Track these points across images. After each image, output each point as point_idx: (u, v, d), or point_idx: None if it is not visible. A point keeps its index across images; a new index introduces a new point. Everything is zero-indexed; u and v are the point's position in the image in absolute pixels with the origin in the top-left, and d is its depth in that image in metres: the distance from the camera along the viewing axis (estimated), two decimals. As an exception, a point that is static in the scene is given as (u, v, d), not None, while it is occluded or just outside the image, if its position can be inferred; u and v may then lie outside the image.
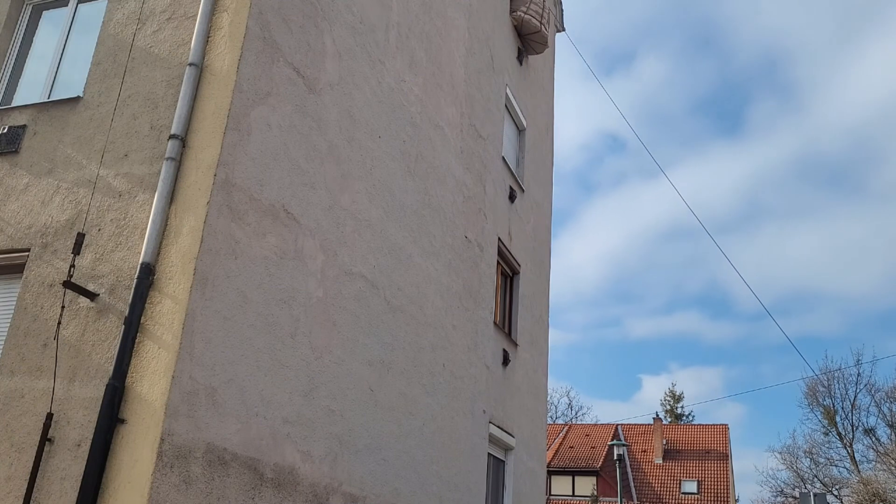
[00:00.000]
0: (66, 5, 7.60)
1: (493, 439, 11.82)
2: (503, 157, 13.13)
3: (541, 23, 14.57)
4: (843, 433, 39.87)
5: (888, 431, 38.54)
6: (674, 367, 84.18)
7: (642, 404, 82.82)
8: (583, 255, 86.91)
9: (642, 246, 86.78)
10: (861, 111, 75.85)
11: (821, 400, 40.78)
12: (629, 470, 39.88)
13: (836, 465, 40.02)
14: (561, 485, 39.24)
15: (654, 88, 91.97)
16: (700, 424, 46.10)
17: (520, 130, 14.77)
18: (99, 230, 6.03)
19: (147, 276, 5.59)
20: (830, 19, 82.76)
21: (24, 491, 5.31)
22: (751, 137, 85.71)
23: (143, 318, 5.52)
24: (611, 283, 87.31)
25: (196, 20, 6.42)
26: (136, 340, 5.46)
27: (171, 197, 5.86)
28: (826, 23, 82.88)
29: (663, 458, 40.90)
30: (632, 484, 39.21)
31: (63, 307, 5.81)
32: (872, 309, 72.31)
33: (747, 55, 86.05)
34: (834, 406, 40.32)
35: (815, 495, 14.68)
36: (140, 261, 5.65)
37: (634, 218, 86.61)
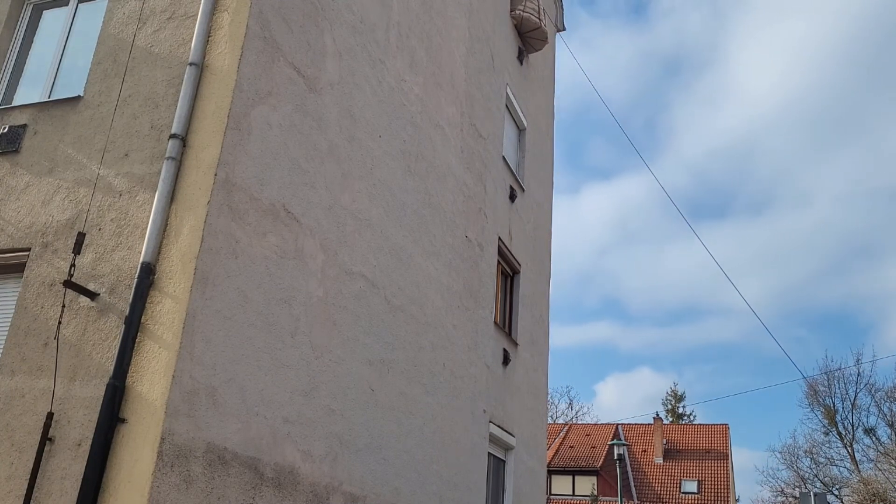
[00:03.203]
0: (67, 5, 7.59)
1: (493, 439, 11.82)
2: (503, 157, 13.13)
3: (540, 19, 14.58)
4: (844, 433, 39.89)
5: (888, 431, 38.58)
6: (616, 374, 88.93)
7: (604, 408, 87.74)
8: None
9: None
10: (701, 153, 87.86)
11: (821, 400, 40.78)
12: (629, 470, 39.87)
13: (836, 465, 40.05)
14: (561, 484, 39.22)
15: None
16: (700, 424, 46.12)
17: (520, 130, 14.76)
18: (99, 230, 6.03)
19: (147, 276, 5.59)
20: (634, 77, 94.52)
21: (25, 490, 5.31)
22: (600, 175, 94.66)
23: (143, 317, 5.52)
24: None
25: (196, 19, 6.41)
26: (137, 340, 5.46)
27: (171, 196, 5.86)
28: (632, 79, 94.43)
29: (663, 458, 40.88)
30: (632, 484, 39.20)
31: (63, 307, 5.81)
32: (761, 322, 77.81)
33: (566, 102, 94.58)
34: (834, 406, 40.33)
35: (815, 495, 14.66)
36: (140, 260, 5.65)
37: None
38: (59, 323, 5.77)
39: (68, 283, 5.72)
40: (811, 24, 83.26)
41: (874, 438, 38.85)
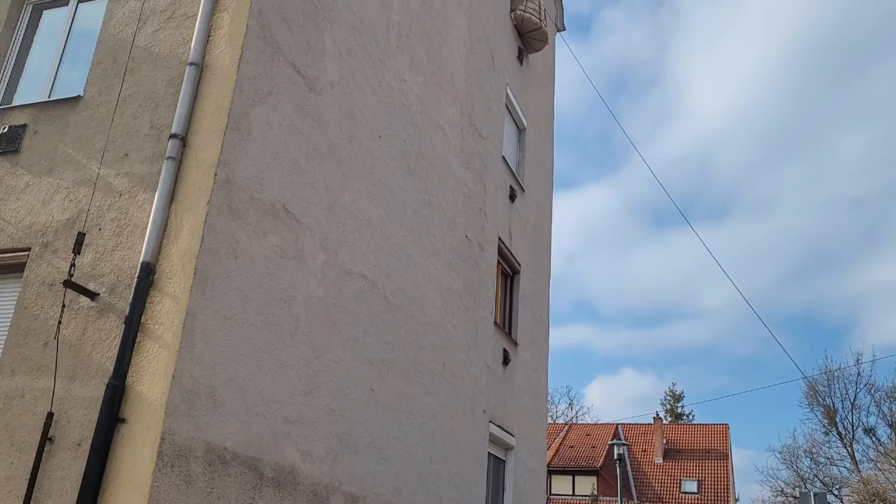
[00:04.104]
0: (67, 5, 7.59)
1: (493, 439, 11.82)
2: (503, 157, 13.13)
3: (540, 20, 14.58)
4: (844, 433, 39.87)
5: (888, 431, 38.56)
6: (601, 376, 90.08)
7: (593, 409, 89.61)
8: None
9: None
10: (658, 164, 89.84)
11: (821, 400, 40.78)
12: (629, 469, 39.86)
13: (836, 465, 40.03)
14: (561, 484, 39.22)
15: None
16: (700, 424, 46.10)
17: (520, 130, 14.76)
18: (99, 229, 6.03)
19: (147, 276, 5.59)
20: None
21: (25, 490, 5.31)
22: (563, 185, 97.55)
23: (143, 317, 5.52)
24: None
25: (196, 19, 6.41)
26: (137, 340, 5.46)
27: (171, 196, 5.86)
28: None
29: (663, 458, 40.89)
30: (632, 483, 39.19)
31: (63, 306, 5.81)
32: (727, 322, 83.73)
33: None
34: (834, 406, 40.32)
35: (815, 495, 14.67)
36: (140, 260, 5.65)
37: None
38: (59, 323, 5.77)
39: (68, 283, 5.72)
40: (753, 40, 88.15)
41: (874, 438, 38.87)
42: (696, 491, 38.45)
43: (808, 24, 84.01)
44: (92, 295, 5.77)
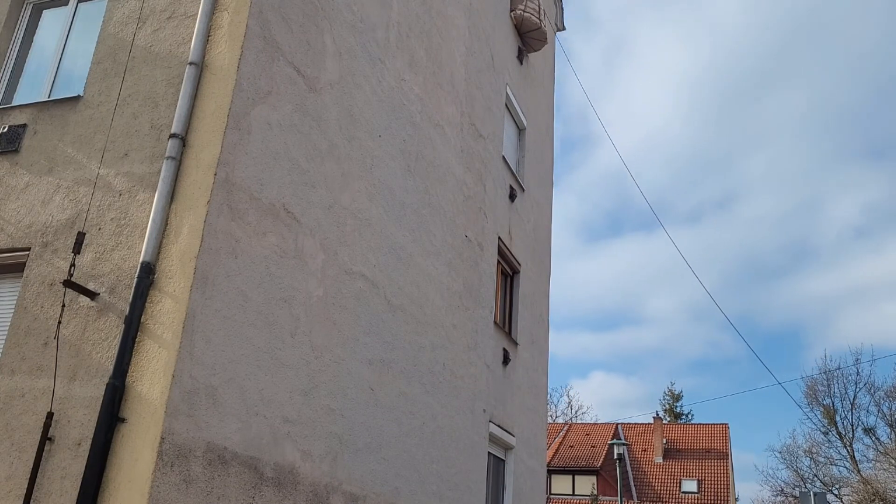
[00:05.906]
0: (67, 4, 7.59)
1: (493, 438, 11.82)
2: (503, 157, 13.13)
3: (540, 20, 14.59)
4: (843, 432, 39.84)
5: (888, 430, 38.51)
6: (575, 379, 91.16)
7: (592, 410, 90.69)
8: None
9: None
10: (584, 182, 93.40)
11: (820, 399, 40.78)
12: (629, 469, 39.86)
13: (836, 465, 39.99)
14: (561, 484, 39.22)
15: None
16: (700, 424, 46.09)
17: (520, 130, 14.76)
18: (99, 229, 6.03)
19: (147, 276, 5.59)
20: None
21: (25, 490, 5.31)
22: None
23: (143, 317, 5.52)
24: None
25: (196, 19, 6.42)
26: (137, 339, 5.46)
27: (171, 196, 5.86)
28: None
29: (663, 458, 40.88)
30: (632, 483, 39.20)
31: (63, 306, 5.80)
32: (672, 327, 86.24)
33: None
34: (834, 405, 40.32)
35: (815, 494, 14.67)
36: (140, 260, 5.65)
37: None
38: (59, 323, 5.77)
39: (68, 283, 5.72)
40: (652, 73, 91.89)
41: (874, 438, 38.83)
42: (695, 490, 38.44)
43: (712, 55, 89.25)
44: (92, 295, 5.77)
